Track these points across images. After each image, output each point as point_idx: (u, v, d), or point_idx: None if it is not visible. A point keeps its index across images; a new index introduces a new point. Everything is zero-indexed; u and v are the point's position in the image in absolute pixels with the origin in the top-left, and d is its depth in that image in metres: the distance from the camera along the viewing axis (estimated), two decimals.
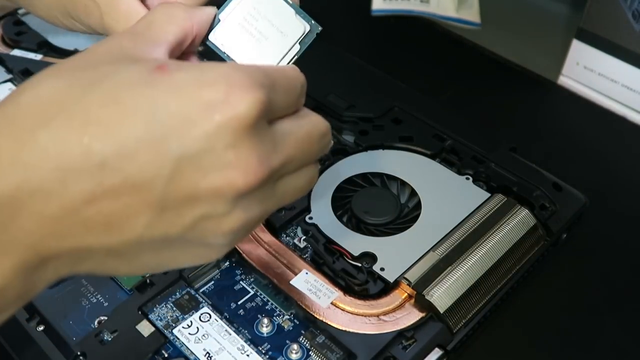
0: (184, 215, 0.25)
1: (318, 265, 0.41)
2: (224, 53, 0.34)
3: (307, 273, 0.40)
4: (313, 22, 0.35)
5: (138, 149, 0.24)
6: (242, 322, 0.39)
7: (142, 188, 0.24)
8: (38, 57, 0.56)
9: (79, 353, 0.37)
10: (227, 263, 0.42)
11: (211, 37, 0.34)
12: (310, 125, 0.29)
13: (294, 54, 0.35)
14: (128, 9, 0.35)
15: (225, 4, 0.34)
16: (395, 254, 0.41)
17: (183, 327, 0.38)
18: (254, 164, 0.25)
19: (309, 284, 0.40)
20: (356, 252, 0.41)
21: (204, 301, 0.40)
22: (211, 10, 0.32)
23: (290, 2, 0.35)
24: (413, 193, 0.46)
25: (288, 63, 0.35)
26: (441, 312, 0.38)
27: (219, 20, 0.34)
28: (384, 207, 0.45)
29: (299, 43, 0.35)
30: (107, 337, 0.38)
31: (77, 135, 0.23)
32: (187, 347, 0.38)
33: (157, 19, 0.29)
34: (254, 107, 0.25)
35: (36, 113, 0.24)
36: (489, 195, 0.45)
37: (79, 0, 0.37)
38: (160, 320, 0.39)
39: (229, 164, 0.25)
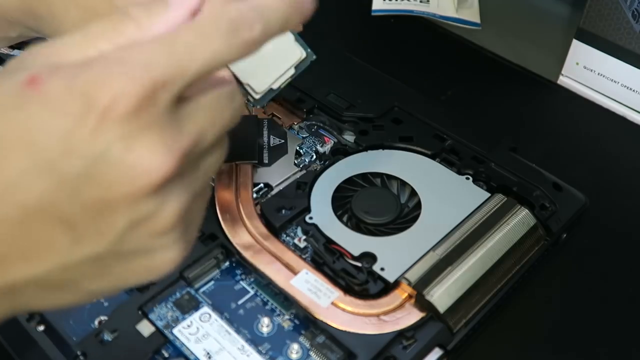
0: (107, 228, 0.24)
1: (318, 265, 0.41)
2: None
3: (307, 273, 0.40)
4: (309, 50, 0.37)
5: (28, 180, 0.22)
6: (242, 322, 0.39)
7: (46, 214, 0.23)
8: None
9: (79, 353, 0.37)
10: (227, 263, 0.42)
11: None
12: (217, 94, 0.26)
13: (288, 76, 0.36)
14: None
15: None
16: (395, 254, 0.41)
17: (183, 327, 0.38)
18: (156, 156, 0.23)
19: (309, 283, 0.40)
20: (356, 252, 0.41)
21: (204, 301, 0.40)
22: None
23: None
24: (413, 193, 0.46)
25: (282, 85, 0.36)
26: (441, 312, 0.38)
27: None
28: (384, 207, 0.45)
29: (295, 67, 0.36)
30: (107, 337, 0.38)
31: None
32: (187, 347, 0.38)
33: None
34: (130, 101, 0.22)
35: None
36: (489, 195, 0.45)
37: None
38: (160, 320, 0.39)
39: (129, 165, 0.23)
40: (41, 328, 0.38)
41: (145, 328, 0.38)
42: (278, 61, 0.36)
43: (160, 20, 0.25)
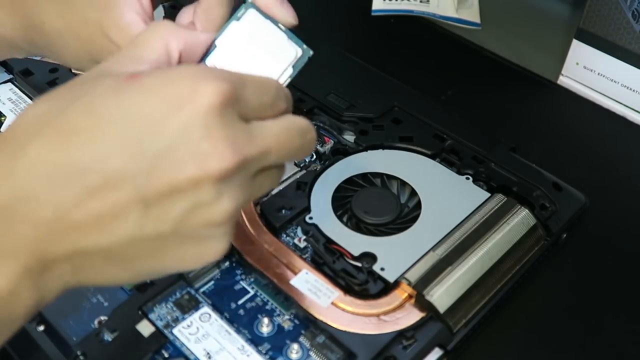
0: (171, 209, 0.27)
1: (318, 265, 0.41)
2: None
3: (307, 273, 0.40)
4: (305, 46, 0.36)
5: (114, 151, 0.26)
6: (242, 322, 0.39)
7: (123, 186, 0.26)
8: (38, 57, 0.56)
9: (79, 353, 0.37)
10: (227, 263, 0.42)
11: (207, 61, 0.35)
12: (288, 122, 0.30)
13: (287, 76, 0.36)
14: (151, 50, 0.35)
15: (221, 30, 0.35)
16: (395, 254, 0.41)
17: (183, 327, 0.38)
18: (227, 150, 0.27)
19: (309, 283, 0.40)
20: (356, 252, 0.41)
21: (204, 301, 0.40)
22: (204, 36, 0.34)
23: (283, 27, 0.36)
24: (413, 193, 0.46)
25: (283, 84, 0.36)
26: (441, 312, 0.38)
27: (215, 46, 0.35)
28: (384, 207, 0.45)
29: (292, 67, 0.36)
30: (107, 337, 0.38)
31: (60, 145, 0.26)
32: (187, 347, 0.38)
33: (142, 38, 0.31)
34: (218, 95, 0.27)
35: (27, 130, 0.27)
36: (489, 195, 0.45)
37: (105, 48, 0.38)
38: (160, 320, 0.39)
39: (203, 152, 0.26)
40: (41, 328, 0.38)
41: (145, 328, 0.38)
42: (273, 63, 0.36)
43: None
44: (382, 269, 0.40)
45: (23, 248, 0.26)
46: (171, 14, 0.49)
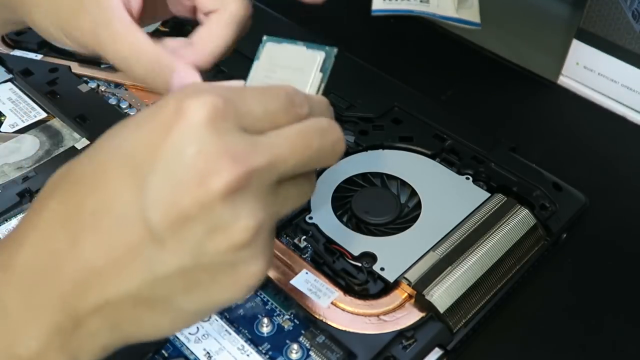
0: (186, 238, 0.25)
1: (318, 265, 0.41)
2: None
3: (307, 273, 0.40)
4: (327, 47, 0.36)
5: (117, 191, 0.25)
6: (242, 321, 0.39)
7: (133, 225, 0.25)
8: (38, 57, 0.56)
9: None
10: None
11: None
12: (305, 125, 0.28)
13: (317, 82, 0.35)
14: (123, 28, 0.34)
15: (249, 73, 0.35)
16: (395, 254, 0.41)
17: None
18: (226, 163, 0.25)
19: (309, 283, 0.40)
20: (356, 252, 0.41)
21: None
22: (237, 83, 0.32)
23: (300, 42, 0.35)
24: (413, 193, 0.46)
25: (317, 93, 0.35)
26: (441, 312, 0.38)
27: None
28: (384, 207, 0.45)
29: (320, 71, 0.35)
30: None
31: (70, 196, 0.27)
32: (187, 346, 0.38)
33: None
34: (205, 109, 0.25)
35: (51, 186, 0.28)
36: (489, 195, 0.45)
37: (74, 14, 0.36)
38: None
39: (199, 170, 0.25)
40: None
41: None
42: (302, 76, 0.35)
43: None
44: (382, 269, 0.40)
45: (51, 305, 0.25)
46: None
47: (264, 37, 0.36)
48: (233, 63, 0.42)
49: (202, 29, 0.36)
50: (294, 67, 0.35)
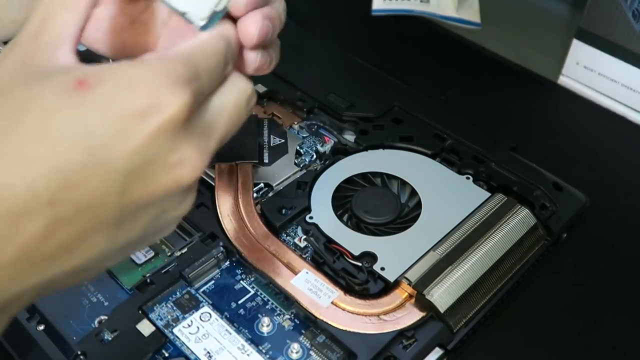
0: (141, 219, 0.26)
1: (318, 264, 0.41)
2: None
3: (307, 272, 0.40)
4: None
5: (83, 175, 0.23)
6: (242, 321, 0.39)
7: (96, 210, 0.24)
8: None
9: (79, 352, 0.37)
10: (228, 263, 0.42)
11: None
12: (237, 95, 0.29)
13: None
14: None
15: None
16: (395, 254, 0.41)
17: (183, 327, 0.38)
18: (196, 159, 0.26)
19: (309, 283, 0.40)
20: (356, 252, 0.41)
21: (204, 300, 0.40)
22: (188, 49, 0.30)
23: None
24: (413, 193, 0.46)
25: (226, 4, 0.31)
26: (442, 311, 0.38)
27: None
28: (384, 206, 0.45)
29: None
30: (108, 336, 0.38)
31: (19, 177, 0.23)
32: (187, 346, 0.38)
33: (49, 10, 0.27)
34: (183, 106, 0.25)
35: None
36: (489, 194, 0.45)
37: None
38: (161, 319, 0.39)
39: (174, 165, 0.25)
40: (41, 328, 0.38)
41: (145, 328, 0.38)
42: None
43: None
44: (383, 269, 0.40)
45: None
46: None
47: None
48: None
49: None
50: None
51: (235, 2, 0.32)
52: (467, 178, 0.47)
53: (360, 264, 0.41)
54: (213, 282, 0.41)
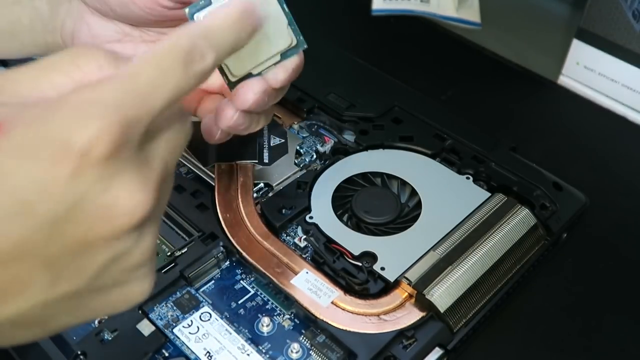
0: (87, 266, 0.24)
1: (318, 264, 0.41)
2: None
3: (307, 272, 0.40)
4: (301, 37, 0.34)
5: (5, 224, 0.22)
6: (242, 321, 0.39)
7: (23, 258, 0.23)
8: (39, 57, 0.56)
9: (79, 352, 0.37)
10: (228, 263, 0.42)
11: (196, 17, 0.32)
12: (180, 135, 0.27)
13: (272, 63, 0.34)
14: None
15: None
16: (395, 254, 0.41)
17: (183, 327, 0.38)
18: (137, 196, 0.23)
19: (309, 283, 0.40)
20: (356, 252, 0.41)
21: (204, 300, 0.40)
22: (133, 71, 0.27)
23: (287, 10, 0.33)
24: (413, 192, 0.46)
25: (262, 71, 0.34)
26: (442, 311, 0.38)
27: (210, 3, 0.32)
28: (384, 206, 0.45)
29: (281, 54, 0.34)
30: (108, 336, 0.38)
31: None
32: (187, 346, 0.38)
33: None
34: (106, 144, 0.22)
35: None
36: (489, 194, 0.45)
37: None
38: (161, 319, 0.39)
39: (108, 206, 0.23)
40: None
41: (145, 327, 0.38)
42: (265, 45, 0.33)
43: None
44: (383, 269, 0.40)
45: None
46: None
47: None
48: None
49: None
50: (267, 30, 0.33)
51: (273, 78, 0.34)
52: (467, 178, 0.47)
53: (360, 264, 0.41)
54: (213, 282, 0.41)
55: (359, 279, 0.40)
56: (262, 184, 0.47)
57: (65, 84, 0.24)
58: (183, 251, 0.42)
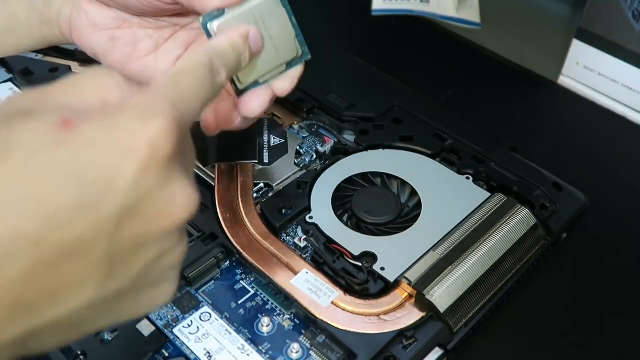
0: (137, 263, 0.25)
1: (318, 264, 0.41)
2: None
3: (307, 272, 0.40)
4: (306, 49, 0.36)
5: (72, 216, 0.22)
6: (242, 321, 0.39)
7: (84, 252, 0.23)
8: (38, 56, 0.56)
9: (79, 352, 0.36)
10: (227, 263, 0.42)
11: (209, 25, 0.33)
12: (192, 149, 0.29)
13: (278, 72, 0.36)
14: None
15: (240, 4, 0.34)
16: (395, 254, 0.41)
17: (183, 327, 0.38)
18: (191, 192, 0.25)
19: (309, 283, 0.40)
20: (356, 252, 0.41)
21: (204, 300, 0.40)
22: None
23: (295, 22, 0.35)
24: (413, 193, 0.46)
25: (269, 79, 0.36)
26: (441, 311, 0.38)
27: (224, 13, 0.33)
28: (384, 206, 0.45)
29: (286, 64, 0.36)
30: (108, 336, 0.38)
31: (3, 219, 0.21)
32: (187, 346, 0.38)
33: (76, 81, 0.27)
34: (171, 141, 0.24)
35: None
36: (489, 194, 0.45)
37: None
38: (161, 319, 0.39)
39: (169, 202, 0.24)
40: None
41: (145, 327, 0.38)
42: (273, 55, 0.35)
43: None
44: (383, 269, 0.40)
45: None
46: None
47: None
48: None
49: None
50: (275, 41, 0.35)
51: (279, 87, 0.36)
52: (467, 178, 0.47)
53: (360, 264, 0.41)
54: (213, 282, 0.41)
55: (359, 279, 0.40)
56: (262, 184, 0.47)
57: (93, 101, 0.26)
58: None
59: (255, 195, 0.46)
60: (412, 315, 0.38)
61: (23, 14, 0.43)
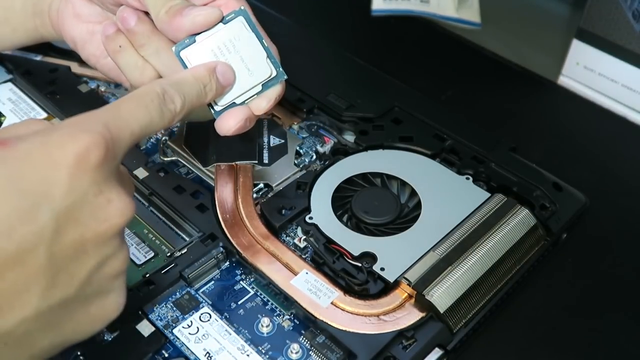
0: (79, 270, 0.26)
1: (318, 265, 0.41)
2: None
3: (307, 273, 0.40)
4: (281, 69, 0.38)
5: (11, 225, 0.24)
6: (242, 322, 0.39)
7: (26, 259, 0.24)
8: (38, 57, 0.56)
9: (79, 353, 0.36)
10: (227, 263, 0.42)
11: (182, 53, 0.36)
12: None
13: (254, 93, 0.38)
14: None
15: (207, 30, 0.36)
16: (395, 254, 0.41)
17: (183, 327, 0.38)
18: (126, 199, 0.27)
19: (309, 283, 0.40)
20: (356, 252, 0.41)
21: (204, 301, 0.40)
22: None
23: (265, 45, 0.37)
24: (413, 193, 0.46)
25: (246, 100, 0.37)
26: (441, 312, 0.38)
27: (195, 41, 0.36)
28: (384, 207, 0.45)
29: (262, 85, 0.37)
30: (107, 337, 0.37)
31: None
32: (187, 347, 0.38)
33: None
34: (96, 153, 0.26)
35: None
36: (489, 195, 0.45)
37: None
38: (160, 320, 0.39)
39: (104, 207, 0.26)
40: None
41: (145, 328, 0.38)
42: (247, 77, 0.37)
43: None
44: (382, 269, 0.40)
45: None
46: None
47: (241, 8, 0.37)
48: None
49: None
50: (247, 63, 0.37)
51: (256, 107, 0.38)
52: (467, 178, 0.47)
53: (360, 264, 0.41)
54: (213, 282, 0.41)
55: (359, 280, 0.40)
56: (261, 185, 0.47)
57: (27, 132, 0.28)
58: (183, 252, 0.42)
59: (255, 195, 0.46)
60: (411, 316, 0.38)
61: (19, 4, 0.46)
